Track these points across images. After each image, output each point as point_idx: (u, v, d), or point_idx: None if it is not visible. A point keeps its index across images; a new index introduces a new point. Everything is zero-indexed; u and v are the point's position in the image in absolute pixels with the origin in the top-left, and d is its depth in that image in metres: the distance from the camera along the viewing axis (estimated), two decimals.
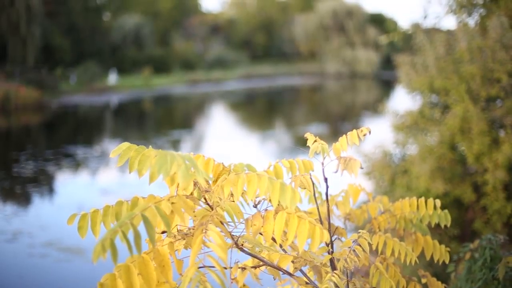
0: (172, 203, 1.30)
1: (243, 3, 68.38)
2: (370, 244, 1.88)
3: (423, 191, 6.45)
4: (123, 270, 1.20)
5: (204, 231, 1.22)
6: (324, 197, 2.12)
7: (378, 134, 7.63)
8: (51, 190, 13.29)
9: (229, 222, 1.44)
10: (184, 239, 1.46)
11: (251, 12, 65.86)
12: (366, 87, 48.99)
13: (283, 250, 1.72)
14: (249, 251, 1.58)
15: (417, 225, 2.20)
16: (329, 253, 1.78)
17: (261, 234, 1.53)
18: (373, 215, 2.34)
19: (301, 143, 17.85)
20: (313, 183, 1.76)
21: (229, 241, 1.50)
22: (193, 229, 1.43)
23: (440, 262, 2.11)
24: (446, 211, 2.16)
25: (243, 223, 1.49)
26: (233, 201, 1.48)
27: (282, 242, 1.59)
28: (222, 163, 1.73)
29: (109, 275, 1.22)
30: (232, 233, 1.52)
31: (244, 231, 1.50)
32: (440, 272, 6.56)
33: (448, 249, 2.21)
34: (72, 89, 35.69)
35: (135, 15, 52.03)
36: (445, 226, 2.23)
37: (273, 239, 1.58)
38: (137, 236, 1.09)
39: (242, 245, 1.54)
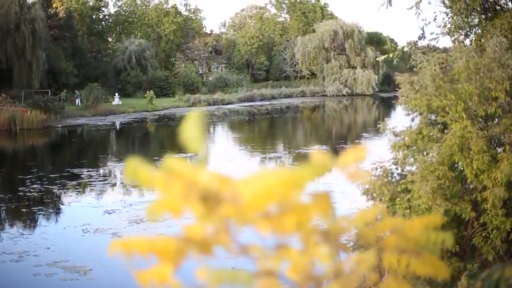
0: None
1: (244, 25, 69.24)
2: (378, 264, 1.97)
3: (423, 208, 6.50)
4: None
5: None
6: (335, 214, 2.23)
7: (378, 153, 7.74)
8: (56, 211, 13.41)
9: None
10: None
11: (251, 33, 66.58)
12: (365, 106, 49.27)
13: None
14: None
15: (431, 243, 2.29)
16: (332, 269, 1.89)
17: None
18: (380, 234, 2.45)
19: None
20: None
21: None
22: None
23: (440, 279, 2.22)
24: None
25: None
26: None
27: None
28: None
29: None
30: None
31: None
32: None
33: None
34: (77, 112, 36.03)
35: (139, 38, 52.72)
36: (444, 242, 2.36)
37: None
38: None
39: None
